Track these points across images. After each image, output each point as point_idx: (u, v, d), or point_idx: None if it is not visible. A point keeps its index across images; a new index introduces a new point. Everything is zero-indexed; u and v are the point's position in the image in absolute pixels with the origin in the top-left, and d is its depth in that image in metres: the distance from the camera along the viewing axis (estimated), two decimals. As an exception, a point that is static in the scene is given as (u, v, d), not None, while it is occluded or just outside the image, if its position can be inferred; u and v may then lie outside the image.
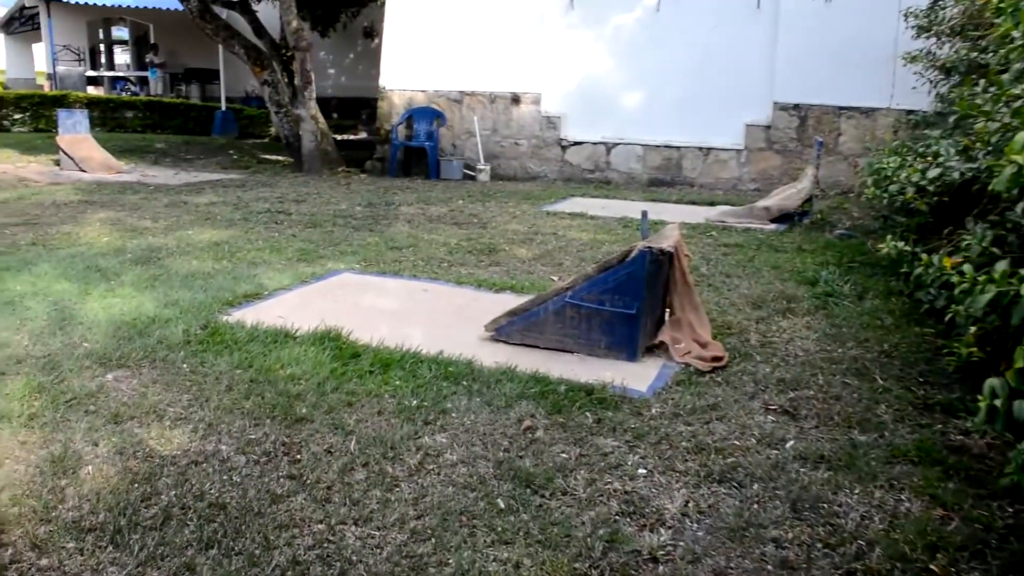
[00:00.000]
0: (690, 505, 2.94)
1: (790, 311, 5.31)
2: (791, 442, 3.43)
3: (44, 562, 2.55)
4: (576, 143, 12.56)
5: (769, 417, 3.69)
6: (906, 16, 8.15)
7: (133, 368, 4.07)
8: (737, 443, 3.42)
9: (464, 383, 3.95)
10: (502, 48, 12.71)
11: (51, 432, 3.37)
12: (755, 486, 3.07)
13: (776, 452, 3.35)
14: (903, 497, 2.98)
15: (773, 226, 8.45)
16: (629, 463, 3.23)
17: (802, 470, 3.19)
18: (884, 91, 10.54)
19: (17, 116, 19.85)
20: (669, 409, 3.74)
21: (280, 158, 15.37)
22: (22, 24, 30.82)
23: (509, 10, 12.62)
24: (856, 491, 3.02)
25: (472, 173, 12.73)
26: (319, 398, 3.73)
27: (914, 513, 2.87)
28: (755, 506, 2.93)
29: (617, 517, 2.85)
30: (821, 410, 3.76)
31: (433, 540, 2.67)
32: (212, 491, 2.93)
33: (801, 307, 5.40)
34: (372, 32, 22.50)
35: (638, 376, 4.11)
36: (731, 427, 3.58)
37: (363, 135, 20.08)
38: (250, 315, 4.94)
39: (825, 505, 2.92)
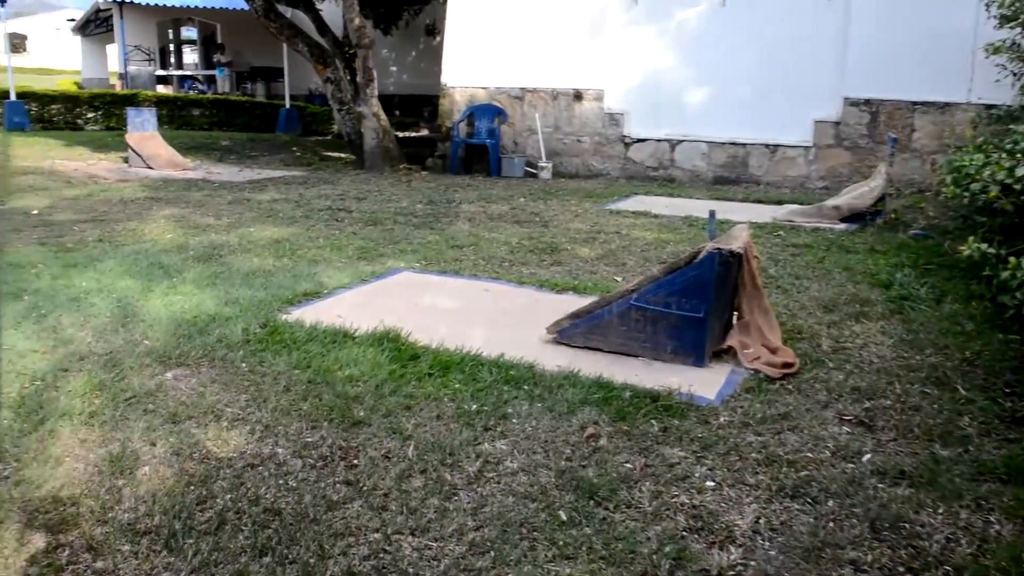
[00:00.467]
0: (761, 521, 2.79)
1: (863, 315, 5.10)
2: (868, 455, 3.25)
3: (99, 564, 2.51)
4: (639, 140, 12.38)
5: (844, 428, 3.51)
6: (987, 5, 7.81)
7: (192, 367, 4.05)
8: (810, 455, 3.26)
9: (525, 387, 3.84)
10: (564, 44, 12.58)
11: (110, 431, 3.35)
12: (830, 502, 2.90)
13: (852, 466, 3.17)
14: (992, 519, 2.79)
15: (844, 226, 8.18)
16: (696, 475, 3.09)
17: (880, 486, 3.01)
18: (962, 84, 10.16)
19: (90, 115, 20.37)
20: (738, 418, 3.59)
21: (342, 155, 15.47)
22: (97, 26, 31.73)
23: (571, 6, 12.49)
24: (940, 511, 2.84)
25: (533, 171, 12.63)
26: (377, 401, 3.66)
27: (1006, 537, 2.68)
28: (831, 524, 2.77)
29: (684, 533, 2.72)
30: (899, 421, 3.57)
31: (492, 553, 2.57)
32: (267, 496, 2.88)
33: (875, 311, 5.18)
34: (434, 30, 22.55)
35: (705, 382, 3.96)
36: (803, 438, 3.41)
37: (425, 132, 20.13)
38: (309, 314, 4.91)
39: (907, 525, 2.74)
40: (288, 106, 21.53)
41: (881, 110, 10.82)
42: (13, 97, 18.85)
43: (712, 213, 4.84)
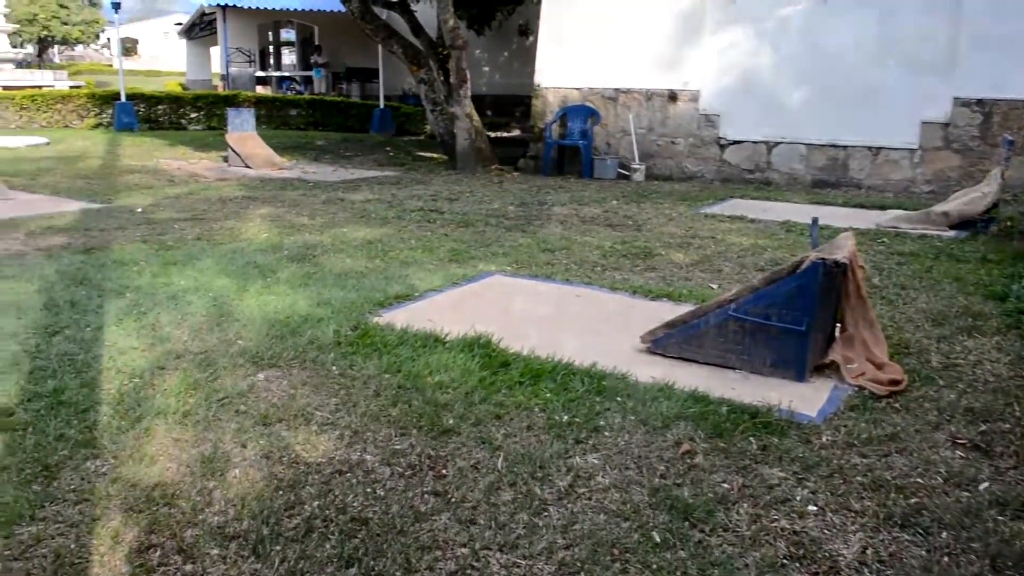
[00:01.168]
0: (868, 552, 2.62)
1: (976, 329, 4.82)
2: (985, 483, 3.04)
3: (188, 568, 2.51)
4: (735, 142, 12.09)
5: (957, 452, 3.30)
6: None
7: (284, 368, 4.07)
8: (920, 481, 3.06)
9: (618, 399, 3.73)
10: (659, 45, 12.38)
11: (203, 431, 3.38)
12: (944, 534, 2.71)
13: (967, 495, 2.96)
14: None
15: (952, 233, 7.80)
16: (798, 498, 2.94)
17: (1000, 518, 2.80)
18: (1085, 83, 9.60)
19: (193, 115, 21.07)
20: (842, 438, 3.40)
21: (434, 155, 15.57)
22: (201, 30, 32.89)
23: (667, 6, 12.27)
24: (1069, 549, 2.62)
25: (626, 172, 12.47)
26: (467, 409, 3.60)
27: None
28: (945, 559, 2.58)
29: (785, 561, 2.57)
30: (1020, 447, 3.33)
31: (582, 575, 2.48)
32: (355, 504, 2.84)
33: (989, 325, 4.89)
34: (527, 30, 22.54)
35: (806, 399, 3.78)
36: (913, 462, 3.21)
37: (517, 133, 20.12)
38: (400, 317, 4.90)
39: (1032, 564, 2.55)
40: (382, 106, 21.81)
41: (995, 111, 10.30)
42: (123, 99, 19.61)
43: (815, 220, 4.64)
